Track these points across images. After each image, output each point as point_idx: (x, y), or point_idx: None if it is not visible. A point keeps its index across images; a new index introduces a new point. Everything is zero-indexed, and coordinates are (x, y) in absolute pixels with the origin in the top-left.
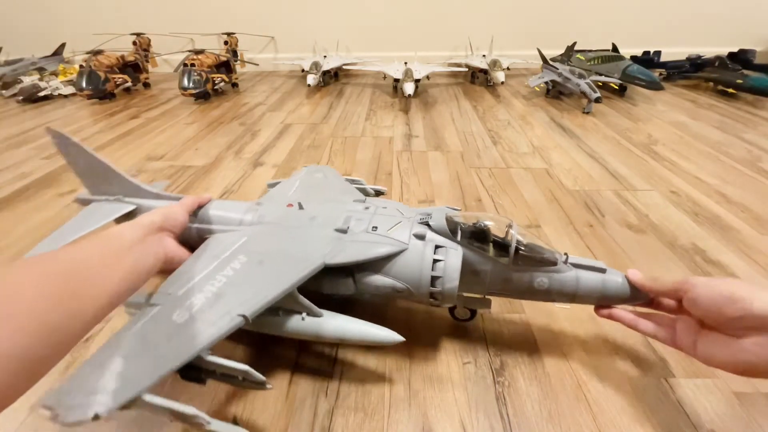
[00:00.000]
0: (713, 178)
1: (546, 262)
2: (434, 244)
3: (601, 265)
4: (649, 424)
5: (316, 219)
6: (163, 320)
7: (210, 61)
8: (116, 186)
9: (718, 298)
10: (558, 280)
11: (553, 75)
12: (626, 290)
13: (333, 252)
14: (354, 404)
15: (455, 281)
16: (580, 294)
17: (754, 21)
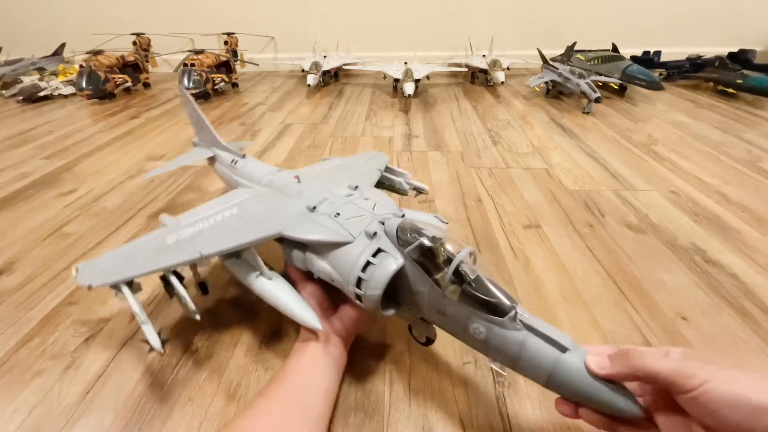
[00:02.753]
0: (713, 178)
1: (485, 308)
2: (377, 247)
3: (565, 341)
4: None
5: (301, 194)
6: (160, 239)
7: (210, 61)
8: (208, 136)
9: (744, 409)
10: (498, 336)
11: (553, 75)
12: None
13: (292, 225)
14: (354, 404)
15: (377, 290)
16: (522, 365)
17: (754, 21)
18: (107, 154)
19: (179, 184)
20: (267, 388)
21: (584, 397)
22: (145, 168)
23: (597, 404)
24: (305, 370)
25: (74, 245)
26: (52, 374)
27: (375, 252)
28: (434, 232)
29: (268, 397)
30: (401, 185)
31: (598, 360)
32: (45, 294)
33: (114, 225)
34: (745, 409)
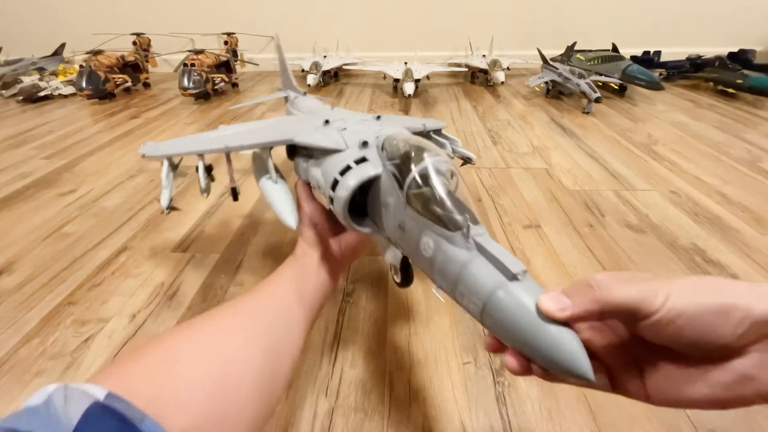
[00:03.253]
0: (713, 178)
1: (439, 219)
2: (363, 156)
3: (515, 268)
4: (649, 424)
5: (327, 116)
6: (205, 136)
7: (210, 61)
8: (287, 81)
9: (708, 315)
10: (444, 253)
11: (553, 75)
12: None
13: (300, 133)
14: (354, 404)
15: (346, 191)
16: (461, 291)
17: (754, 21)
18: (107, 154)
19: (179, 184)
20: (255, 289)
21: (522, 342)
22: (145, 168)
23: (538, 354)
24: (294, 279)
25: (74, 245)
26: (52, 374)
27: (360, 159)
28: (423, 146)
29: (257, 295)
30: (445, 149)
31: (555, 297)
32: (45, 294)
33: (114, 225)
34: (708, 316)
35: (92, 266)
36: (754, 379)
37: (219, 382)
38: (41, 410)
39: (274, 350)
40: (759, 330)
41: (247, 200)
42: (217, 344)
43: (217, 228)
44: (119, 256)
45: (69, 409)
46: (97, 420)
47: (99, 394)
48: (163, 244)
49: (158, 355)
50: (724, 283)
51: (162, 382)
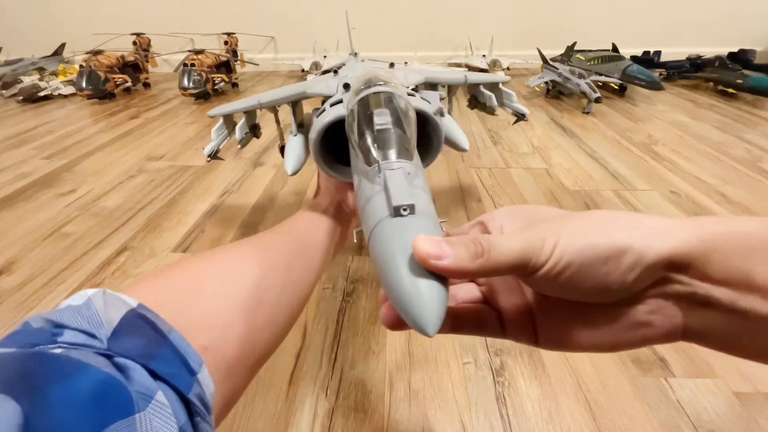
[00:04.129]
0: (713, 178)
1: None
2: (340, 99)
3: (399, 201)
4: (649, 424)
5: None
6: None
7: (210, 61)
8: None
9: (597, 263)
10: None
11: (553, 75)
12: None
13: (311, 87)
14: (354, 404)
15: (314, 134)
16: (362, 225)
17: (754, 21)
18: (107, 154)
19: (179, 184)
20: (275, 227)
21: (385, 286)
22: (145, 168)
23: (394, 300)
24: (307, 226)
25: (74, 245)
26: None
27: (336, 102)
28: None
29: (277, 233)
30: (490, 101)
31: (434, 243)
32: (45, 294)
33: (114, 225)
34: (597, 264)
35: (92, 266)
36: (648, 325)
37: (240, 304)
38: (83, 310)
39: (291, 283)
40: (653, 274)
41: (247, 200)
42: (239, 270)
43: (217, 228)
44: (119, 256)
45: (109, 313)
46: (133, 326)
47: (132, 303)
48: (163, 244)
49: (183, 274)
50: (621, 219)
51: (187, 298)
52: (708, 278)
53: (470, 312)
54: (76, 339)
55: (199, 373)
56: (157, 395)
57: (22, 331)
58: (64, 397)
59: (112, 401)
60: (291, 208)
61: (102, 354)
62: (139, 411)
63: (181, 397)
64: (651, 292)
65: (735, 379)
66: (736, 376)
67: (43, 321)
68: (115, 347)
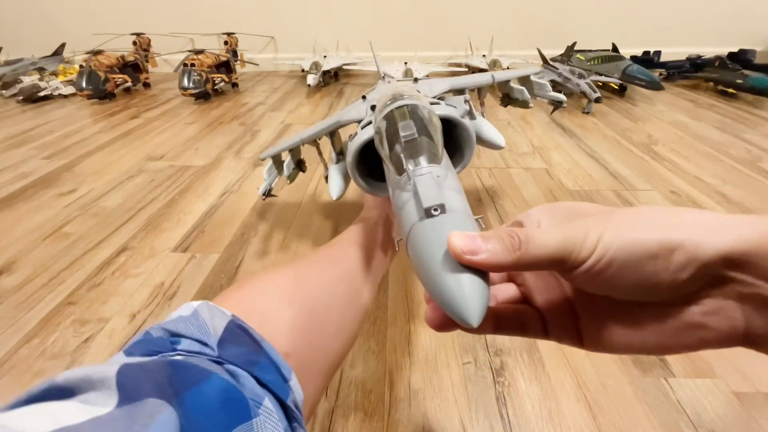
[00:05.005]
0: (713, 178)
1: (395, 165)
2: (369, 120)
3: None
4: (649, 424)
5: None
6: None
7: (210, 61)
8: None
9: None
10: (396, 199)
11: (553, 75)
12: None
13: (345, 115)
14: (354, 404)
15: (349, 157)
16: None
17: (754, 21)
18: (107, 154)
19: (179, 184)
20: (334, 241)
21: (427, 284)
22: (145, 168)
23: (437, 297)
24: (364, 239)
25: (74, 245)
26: (52, 374)
27: (366, 124)
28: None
29: (339, 245)
30: (523, 95)
31: (468, 238)
32: (45, 294)
33: (114, 225)
34: (644, 261)
35: (92, 266)
36: (704, 327)
37: (312, 313)
38: (191, 320)
39: (356, 292)
40: (710, 273)
41: (247, 200)
42: (307, 281)
43: (217, 228)
44: (119, 256)
45: (214, 322)
46: (235, 335)
47: (228, 314)
48: (163, 244)
49: (259, 285)
50: (670, 214)
51: (267, 305)
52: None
53: (511, 312)
54: (192, 347)
55: (291, 380)
56: (265, 401)
57: (144, 339)
58: (198, 401)
59: (235, 406)
60: (291, 208)
61: (215, 361)
62: (255, 416)
63: (280, 403)
64: (708, 292)
65: (735, 379)
66: (736, 376)
67: (161, 330)
68: (224, 355)
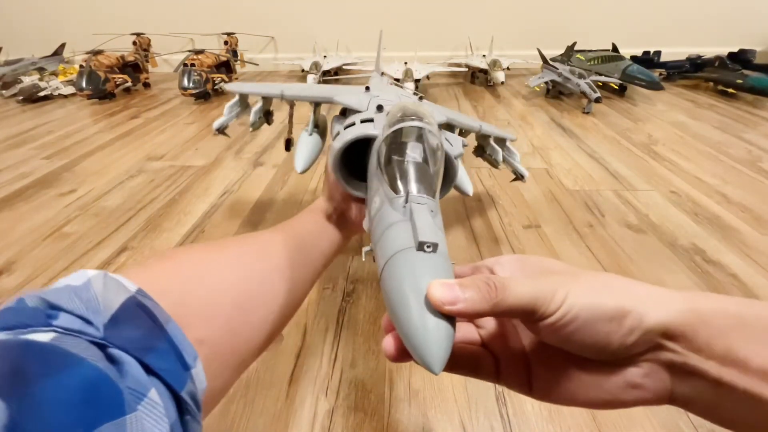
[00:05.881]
0: (713, 178)
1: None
2: (371, 117)
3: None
4: (649, 424)
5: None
6: (276, 86)
7: (210, 61)
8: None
9: (602, 321)
10: (381, 213)
11: (553, 75)
12: None
13: (341, 95)
14: (354, 404)
15: (339, 143)
16: (377, 251)
17: (754, 21)
18: (107, 154)
19: (179, 184)
20: (277, 227)
21: (397, 319)
22: (145, 168)
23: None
24: (311, 230)
25: (74, 245)
26: None
27: (367, 120)
28: (412, 111)
29: (282, 232)
30: (496, 155)
31: (448, 287)
32: None
33: (114, 225)
34: (602, 322)
35: (92, 266)
36: (640, 387)
37: (240, 300)
38: (81, 291)
39: (290, 285)
40: (650, 339)
41: (247, 200)
42: (242, 264)
43: (217, 228)
44: (119, 256)
45: (107, 297)
46: (132, 315)
47: (131, 288)
48: (163, 244)
49: (187, 261)
50: (625, 285)
51: (189, 286)
52: (698, 350)
53: (467, 353)
54: (72, 324)
55: (194, 368)
56: (150, 393)
57: (15, 308)
58: (54, 394)
59: (103, 400)
60: (291, 209)
61: (96, 343)
62: (130, 412)
63: (173, 394)
64: (646, 357)
65: None
66: None
67: (38, 300)
68: (111, 337)
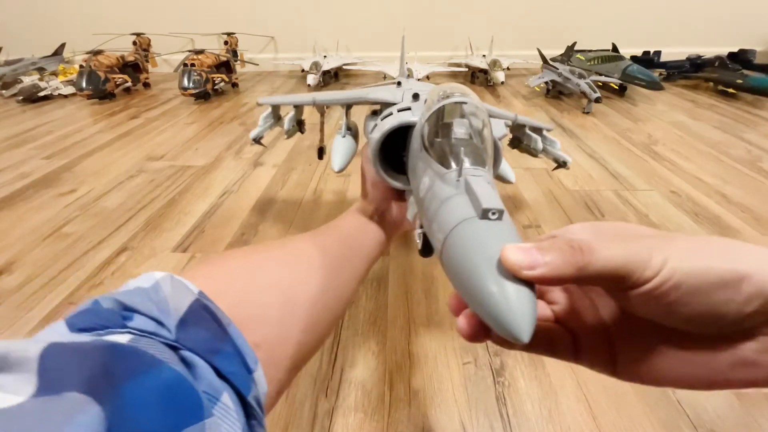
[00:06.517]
0: (713, 178)
1: (440, 156)
2: (408, 106)
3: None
4: (649, 424)
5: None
6: (307, 94)
7: (210, 61)
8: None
9: (713, 289)
10: (433, 191)
11: (553, 75)
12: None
13: (374, 93)
14: (354, 404)
15: (378, 134)
16: (434, 228)
17: (754, 21)
18: (107, 154)
19: (179, 184)
20: (319, 230)
21: (469, 292)
22: (145, 168)
23: (481, 308)
24: (356, 231)
25: (74, 245)
26: None
27: (404, 109)
28: (452, 89)
29: (328, 234)
30: (535, 144)
31: (526, 251)
32: (45, 294)
33: (114, 225)
34: (714, 290)
35: (92, 266)
36: (754, 365)
37: (289, 302)
38: (152, 294)
39: (339, 286)
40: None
41: (247, 200)
42: (287, 266)
43: (217, 228)
44: (119, 256)
45: (176, 299)
46: (198, 317)
47: (194, 290)
48: (163, 244)
49: (239, 263)
50: (735, 246)
51: (244, 288)
52: None
53: (542, 330)
54: (146, 326)
55: (256, 371)
56: (223, 397)
57: (92, 309)
58: (139, 396)
59: (184, 404)
60: (291, 209)
61: (170, 345)
62: (208, 416)
63: (240, 397)
64: (763, 330)
65: None
66: None
67: (113, 302)
68: (182, 339)
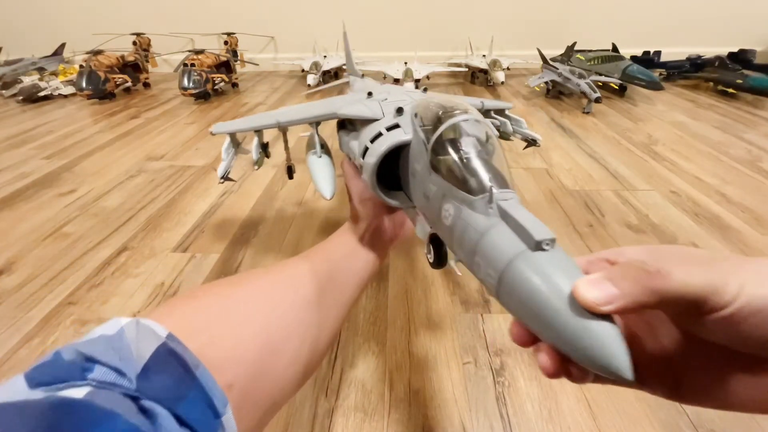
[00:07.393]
0: (713, 178)
1: (461, 182)
2: (396, 122)
3: (540, 235)
4: (649, 424)
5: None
6: (265, 115)
7: (210, 61)
8: (350, 67)
9: None
10: (463, 220)
11: (553, 75)
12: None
13: (345, 107)
14: (354, 404)
15: (373, 158)
16: (478, 261)
17: (754, 21)
18: (107, 154)
19: (179, 184)
20: (307, 254)
21: (548, 329)
22: (145, 168)
23: (569, 346)
24: (344, 254)
25: (74, 245)
26: None
27: (392, 126)
28: (454, 105)
29: (311, 260)
30: (505, 127)
31: (598, 284)
32: (45, 294)
33: (114, 225)
34: None
35: (92, 266)
36: None
37: (269, 338)
38: (115, 341)
39: (321, 319)
40: None
41: (247, 200)
42: (269, 299)
43: (217, 228)
44: (119, 256)
45: (140, 346)
46: (163, 363)
47: (162, 333)
48: (163, 244)
49: (214, 300)
50: None
51: (217, 326)
52: None
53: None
54: (106, 377)
55: (224, 415)
56: None
57: (52, 362)
58: None
59: None
60: (291, 209)
61: (131, 396)
62: None
63: None
64: None
65: None
66: None
67: (75, 353)
68: (144, 388)
